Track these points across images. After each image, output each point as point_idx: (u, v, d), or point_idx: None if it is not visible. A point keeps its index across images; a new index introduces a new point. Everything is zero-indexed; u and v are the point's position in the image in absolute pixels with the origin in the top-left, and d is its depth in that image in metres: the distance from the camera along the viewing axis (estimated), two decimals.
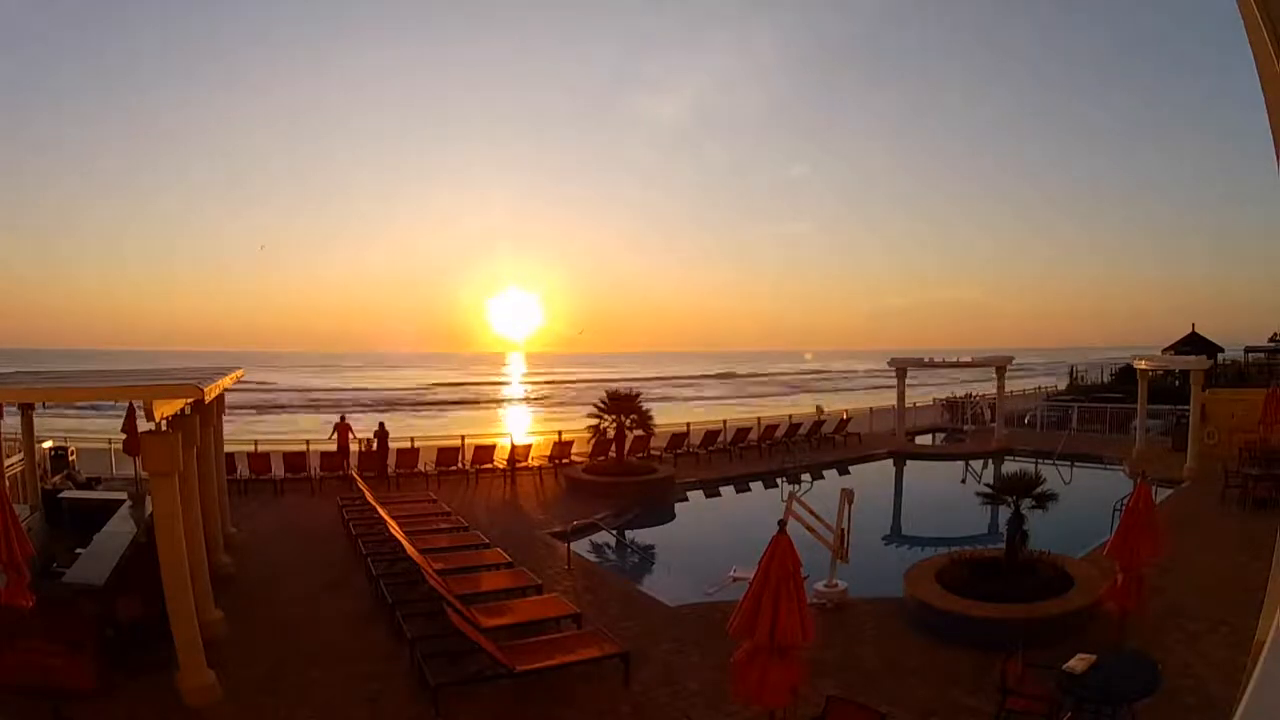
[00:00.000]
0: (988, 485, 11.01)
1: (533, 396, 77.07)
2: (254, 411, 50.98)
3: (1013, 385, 29.98)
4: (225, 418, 14.40)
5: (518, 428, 38.06)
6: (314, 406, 58.20)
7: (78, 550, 10.28)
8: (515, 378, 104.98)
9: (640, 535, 15.53)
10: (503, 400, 74.69)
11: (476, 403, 70.52)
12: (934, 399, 32.60)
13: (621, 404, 19.68)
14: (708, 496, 19.09)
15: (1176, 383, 25.77)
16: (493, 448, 20.29)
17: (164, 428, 7.76)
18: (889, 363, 25.86)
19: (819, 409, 29.96)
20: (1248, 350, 33.53)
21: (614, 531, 14.83)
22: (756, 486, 19.92)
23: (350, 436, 20.06)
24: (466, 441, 20.56)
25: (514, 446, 19.91)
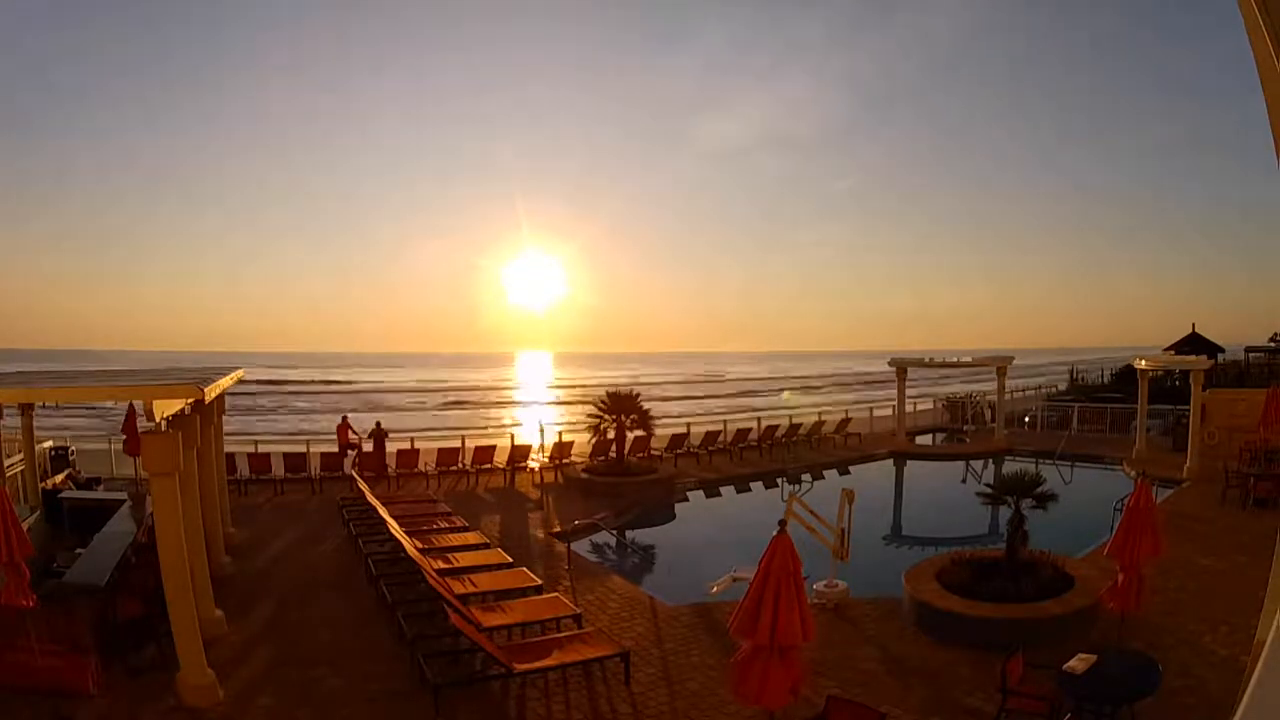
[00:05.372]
0: (988, 485, 11.00)
1: (556, 399, 76.87)
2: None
3: (1013, 385, 29.96)
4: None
5: (523, 427, 38.04)
6: (316, 406, 58.31)
7: (78, 550, 10.30)
8: (536, 378, 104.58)
9: (640, 535, 15.52)
10: (515, 400, 74.74)
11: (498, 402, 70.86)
12: (935, 401, 32.57)
13: (621, 404, 19.68)
14: (708, 496, 19.08)
15: (1177, 383, 25.78)
16: (493, 448, 20.27)
17: (164, 428, 7.75)
18: (889, 363, 25.85)
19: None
20: (1248, 350, 33.52)
21: (614, 531, 14.82)
22: (756, 486, 19.92)
23: (350, 436, 20.06)
24: (467, 442, 20.56)
25: (514, 446, 19.91)
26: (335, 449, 19.86)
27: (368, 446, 20.01)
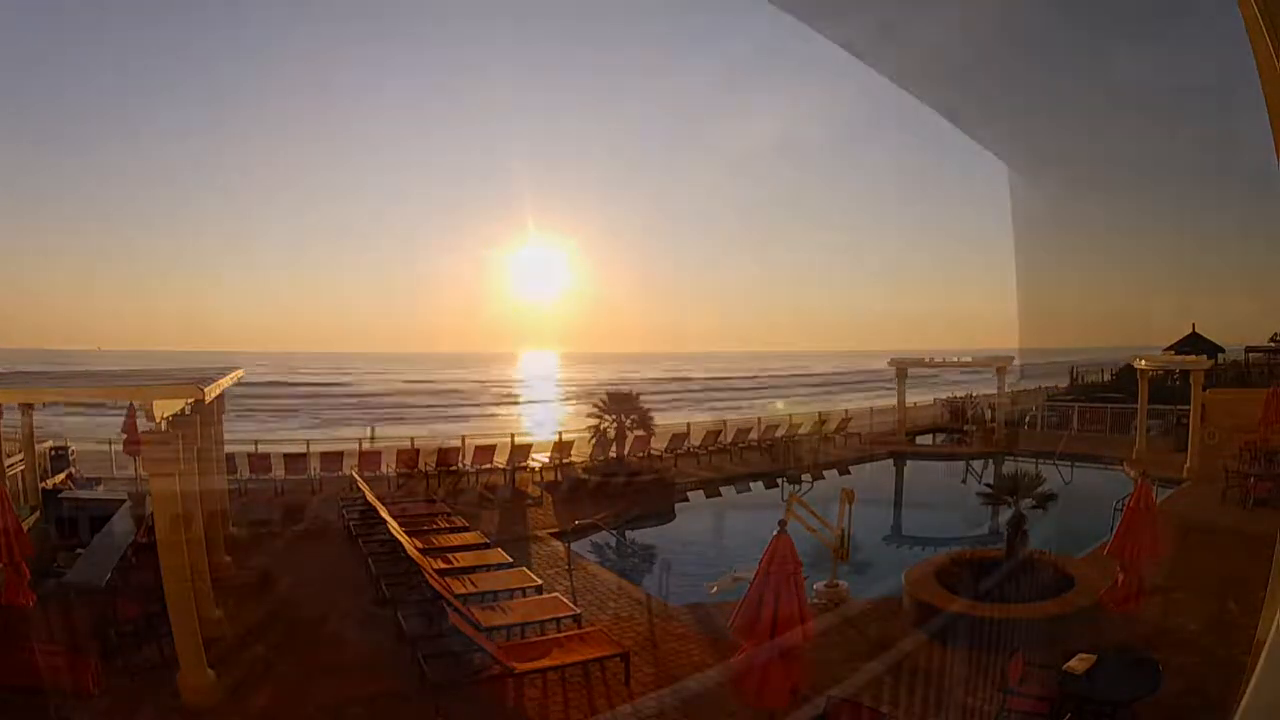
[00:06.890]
0: (988, 485, 11.01)
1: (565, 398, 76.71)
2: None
3: (1012, 386, 29.94)
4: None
5: (527, 428, 38.06)
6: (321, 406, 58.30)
7: (78, 550, 10.31)
8: (539, 377, 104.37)
9: (640, 535, 15.52)
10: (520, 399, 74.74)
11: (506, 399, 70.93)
12: (935, 399, 32.56)
13: (622, 404, 19.67)
14: (708, 496, 19.07)
15: (1177, 383, 25.76)
16: (493, 448, 20.24)
17: (164, 428, 7.75)
18: (889, 363, 25.86)
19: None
20: (1248, 350, 33.53)
21: (614, 531, 14.82)
22: (756, 486, 19.90)
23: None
24: (467, 441, 20.53)
25: (514, 446, 19.89)
26: (335, 449, 19.79)
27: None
